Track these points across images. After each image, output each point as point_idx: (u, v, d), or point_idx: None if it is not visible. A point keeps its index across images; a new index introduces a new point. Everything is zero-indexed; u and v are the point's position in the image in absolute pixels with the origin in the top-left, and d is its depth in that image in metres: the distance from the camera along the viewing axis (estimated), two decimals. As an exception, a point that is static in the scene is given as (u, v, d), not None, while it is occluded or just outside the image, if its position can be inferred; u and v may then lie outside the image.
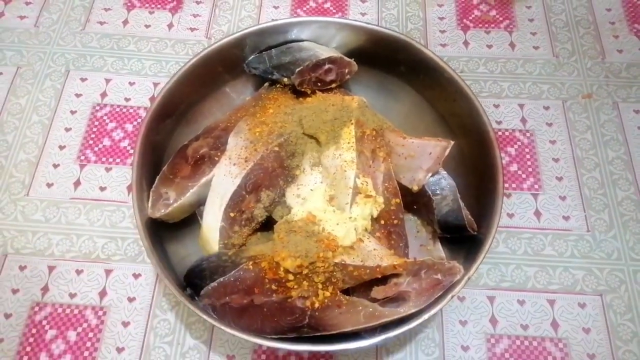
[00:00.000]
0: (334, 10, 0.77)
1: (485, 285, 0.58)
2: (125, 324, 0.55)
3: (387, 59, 0.64)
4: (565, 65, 0.72)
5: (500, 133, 0.67)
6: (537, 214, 0.62)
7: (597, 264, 0.59)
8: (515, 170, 0.65)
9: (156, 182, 0.54)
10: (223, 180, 0.53)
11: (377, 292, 0.48)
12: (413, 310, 0.46)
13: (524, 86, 0.71)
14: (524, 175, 0.64)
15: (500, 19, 0.77)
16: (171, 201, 0.53)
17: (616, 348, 0.55)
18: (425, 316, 0.45)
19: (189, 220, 0.57)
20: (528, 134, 0.67)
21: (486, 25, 0.76)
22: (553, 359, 0.54)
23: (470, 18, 0.77)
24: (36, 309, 0.56)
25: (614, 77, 0.71)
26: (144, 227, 0.50)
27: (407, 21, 0.76)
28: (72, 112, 0.68)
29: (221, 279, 0.49)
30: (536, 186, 0.63)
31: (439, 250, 0.56)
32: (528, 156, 0.66)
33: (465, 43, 0.74)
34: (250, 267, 0.49)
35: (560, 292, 0.57)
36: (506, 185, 0.63)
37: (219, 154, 0.55)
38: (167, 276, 0.47)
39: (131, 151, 0.65)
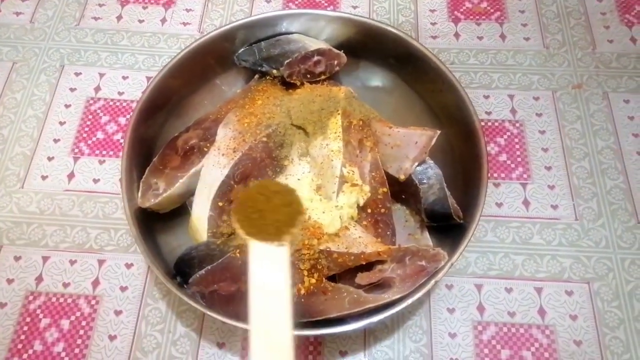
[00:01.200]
0: (326, 4, 0.78)
1: (473, 273, 0.58)
2: (118, 313, 0.56)
3: (376, 51, 0.65)
4: (556, 56, 0.72)
5: (489, 124, 0.68)
6: (526, 203, 0.62)
7: (585, 252, 0.59)
8: (504, 160, 0.65)
9: (146, 172, 0.55)
10: (211, 171, 0.53)
11: (362, 278, 0.48)
12: (397, 296, 0.47)
13: (514, 77, 0.71)
14: (512, 165, 0.65)
15: (491, 10, 0.77)
16: (161, 191, 0.54)
17: (603, 335, 0.55)
18: (409, 301, 0.46)
19: (180, 210, 0.58)
20: (518, 125, 0.67)
21: (477, 17, 0.76)
22: (540, 345, 0.54)
23: (462, 10, 0.77)
24: (30, 298, 0.57)
25: (604, 68, 0.71)
26: (133, 217, 0.51)
27: (398, 14, 0.77)
28: (67, 106, 0.69)
29: (209, 267, 0.50)
30: (525, 176, 0.64)
31: (426, 239, 0.57)
32: (517, 146, 0.66)
33: (456, 35, 0.75)
34: (238, 254, 0.50)
35: (547, 280, 0.58)
36: (495, 175, 0.64)
37: (208, 145, 0.56)
38: (154, 263, 0.48)
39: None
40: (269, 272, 0.29)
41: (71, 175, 0.64)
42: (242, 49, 0.63)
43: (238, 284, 0.49)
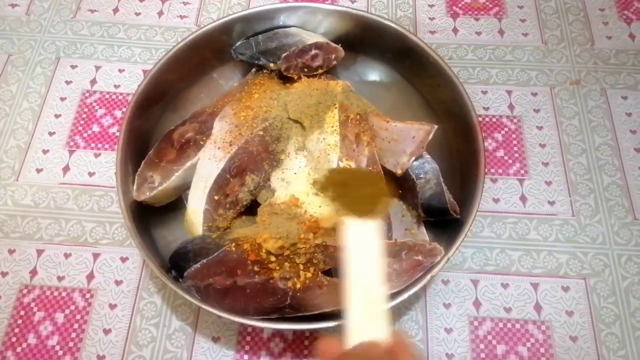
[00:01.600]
0: (324, -2, 0.78)
1: (469, 269, 0.58)
2: (112, 307, 0.56)
3: (374, 46, 0.64)
4: (554, 51, 0.72)
5: (487, 119, 0.67)
6: (523, 198, 0.62)
7: (582, 248, 0.59)
8: (501, 156, 0.65)
9: (142, 165, 0.55)
10: (207, 164, 0.53)
11: (358, 272, 0.48)
12: (393, 291, 0.46)
13: (512, 73, 0.71)
14: (510, 161, 0.64)
15: (490, 6, 0.77)
16: (156, 184, 0.53)
17: (599, 330, 0.55)
18: (405, 296, 0.46)
19: (176, 204, 0.57)
20: (515, 120, 0.67)
21: (475, 13, 0.76)
22: (535, 340, 0.54)
23: (460, 5, 0.77)
24: (25, 291, 0.57)
25: (603, 64, 0.71)
26: (128, 210, 0.51)
27: (396, 8, 0.76)
28: (62, 99, 0.68)
29: (204, 261, 0.50)
30: (522, 171, 0.64)
31: (423, 234, 0.56)
32: (515, 142, 0.66)
33: (455, 30, 0.75)
34: (233, 248, 0.49)
35: (544, 276, 0.58)
36: (492, 170, 0.64)
37: (204, 138, 0.56)
38: (149, 256, 0.48)
39: (120, 137, 0.65)
40: (365, 245, 0.33)
41: (66, 169, 0.64)
42: (239, 42, 0.62)
43: (233, 277, 0.49)
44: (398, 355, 0.31)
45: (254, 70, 0.63)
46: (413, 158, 0.54)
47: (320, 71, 0.62)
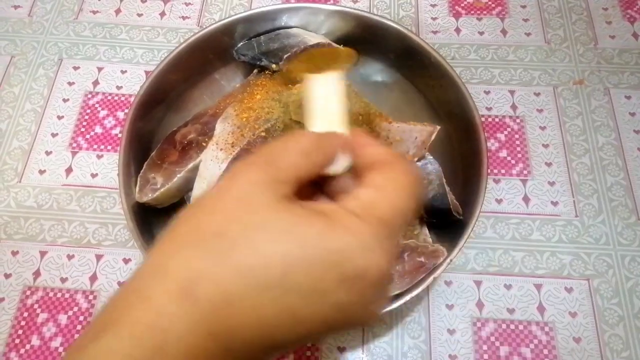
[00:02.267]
0: (326, -2, 0.77)
1: (472, 270, 0.58)
2: (115, 308, 0.56)
3: (376, 46, 0.64)
4: (557, 51, 0.72)
5: (490, 119, 0.67)
6: (526, 199, 0.62)
7: (585, 248, 0.59)
8: (504, 157, 0.65)
9: (144, 167, 0.55)
10: (210, 165, 0.53)
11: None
12: (396, 292, 0.46)
13: (515, 73, 0.70)
14: (513, 161, 0.64)
15: (493, 5, 0.76)
16: (158, 186, 0.53)
17: (602, 332, 0.55)
18: (408, 297, 0.46)
19: (178, 206, 0.58)
20: (518, 120, 0.67)
21: (478, 12, 0.76)
22: (539, 342, 0.54)
23: (463, 5, 0.77)
24: (28, 292, 0.57)
25: (606, 63, 0.71)
26: (130, 212, 0.51)
27: (398, 8, 0.76)
28: (65, 100, 0.69)
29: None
30: (525, 172, 0.64)
31: (425, 235, 0.56)
32: (518, 142, 0.66)
33: (457, 30, 0.74)
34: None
35: (547, 277, 0.57)
36: (495, 171, 0.64)
37: (206, 139, 0.56)
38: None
39: (122, 138, 0.66)
40: (326, 94, 0.32)
41: (69, 170, 0.64)
42: (241, 43, 0.62)
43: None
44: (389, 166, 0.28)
45: (256, 71, 0.63)
46: (416, 159, 0.53)
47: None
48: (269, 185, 0.25)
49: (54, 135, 0.66)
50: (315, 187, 0.30)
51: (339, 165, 0.29)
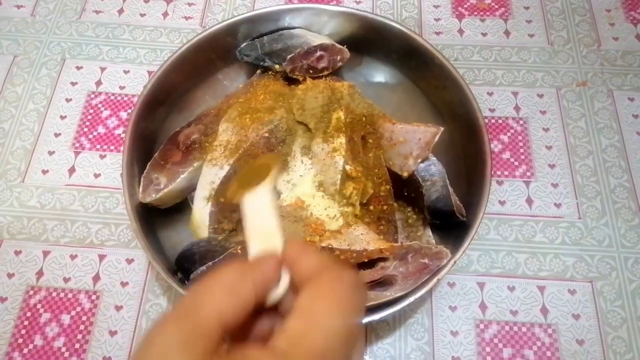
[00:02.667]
0: (329, -1, 0.77)
1: (475, 271, 0.58)
2: (118, 308, 0.56)
3: (379, 47, 0.64)
4: (560, 53, 0.72)
5: (493, 121, 0.67)
6: (529, 201, 0.62)
7: (588, 251, 0.59)
8: (507, 158, 0.65)
9: (147, 167, 0.55)
10: (213, 166, 0.53)
11: (364, 275, 0.48)
12: (399, 294, 0.46)
13: (518, 74, 0.70)
14: (516, 163, 0.64)
15: (496, 6, 0.76)
16: (162, 186, 0.53)
17: (605, 334, 0.55)
18: (411, 299, 0.46)
19: (181, 206, 0.58)
20: (521, 122, 0.67)
21: (481, 14, 0.76)
22: (542, 344, 0.54)
23: (466, 6, 0.77)
24: (31, 292, 0.57)
25: (609, 65, 0.71)
26: (134, 212, 0.51)
27: (402, 9, 0.76)
28: (68, 100, 0.69)
29: (210, 263, 0.50)
30: (528, 173, 0.63)
31: (429, 237, 0.56)
32: (521, 144, 0.65)
33: (460, 31, 0.74)
34: (239, 251, 0.49)
35: (550, 279, 0.57)
36: (498, 172, 0.64)
37: (210, 140, 0.56)
38: (154, 258, 0.48)
39: (125, 139, 0.66)
40: (258, 211, 0.32)
41: (72, 170, 0.64)
42: (245, 44, 0.62)
43: (239, 280, 0.48)
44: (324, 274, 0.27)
45: (259, 71, 0.63)
46: (419, 160, 0.53)
47: (325, 73, 0.62)
48: (185, 346, 0.23)
49: (56, 135, 0.66)
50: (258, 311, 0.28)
51: (280, 288, 0.28)
